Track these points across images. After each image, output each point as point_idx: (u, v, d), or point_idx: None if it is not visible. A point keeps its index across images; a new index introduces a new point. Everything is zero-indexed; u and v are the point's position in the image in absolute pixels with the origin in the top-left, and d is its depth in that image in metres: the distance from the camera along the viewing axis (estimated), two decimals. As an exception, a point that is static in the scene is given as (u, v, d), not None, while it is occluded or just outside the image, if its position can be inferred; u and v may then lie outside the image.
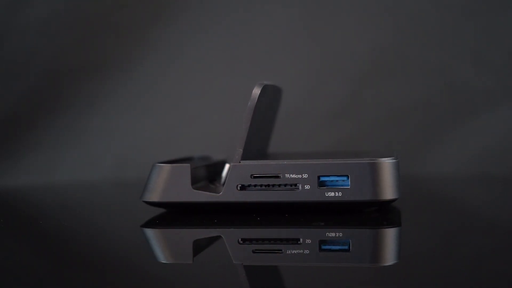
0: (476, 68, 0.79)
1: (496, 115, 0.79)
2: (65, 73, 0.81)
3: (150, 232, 0.47)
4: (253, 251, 0.40)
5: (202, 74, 0.83)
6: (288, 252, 0.39)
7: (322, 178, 0.46)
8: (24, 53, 0.80)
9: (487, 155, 0.79)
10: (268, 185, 0.46)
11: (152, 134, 0.83)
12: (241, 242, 0.43)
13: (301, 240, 0.42)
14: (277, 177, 0.46)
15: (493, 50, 0.79)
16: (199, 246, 0.42)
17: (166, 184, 0.47)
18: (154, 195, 0.48)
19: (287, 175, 0.46)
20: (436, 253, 0.39)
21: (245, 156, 0.47)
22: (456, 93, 0.80)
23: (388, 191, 0.45)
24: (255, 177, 0.46)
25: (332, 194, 0.45)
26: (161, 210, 0.51)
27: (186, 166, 0.47)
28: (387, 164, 0.46)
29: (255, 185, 0.46)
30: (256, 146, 0.52)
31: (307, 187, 0.46)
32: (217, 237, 0.44)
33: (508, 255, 0.38)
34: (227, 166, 0.53)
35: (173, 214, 0.50)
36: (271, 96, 0.53)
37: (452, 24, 0.80)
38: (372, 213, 0.48)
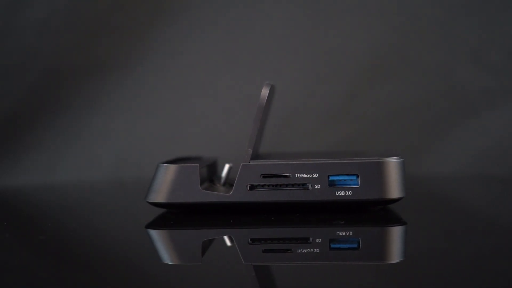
0: (476, 68, 0.80)
1: (496, 115, 0.79)
2: (65, 73, 0.81)
3: (155, 233, 0.46)
4: (263, 251, 0.41)
5: (201, 74, 0.83)
6: (298, 251, 0.39)
7: (331, 178, 0.46)
8: (24, 53, 0.80)
9: (487, 155, 0.79)
10: (279, 185, 0.46)
11: (152, 134, 0.83)
12: (251, 242, 0.43)
13: (311, 239, 0.42)
14: (287, 176, 0.46)
15: (493, 50, 0.80)
16: (207, 247, 0.42)
17: (174, 184, 0.47)
18: (160, 196, 0.47)
19: (297, 175, 0.46)
20: (442, 251, 0.40)
21: (252, 156, 0.47)
22: (456, 93, 0.80)
23: (396, 190, 0.46)
24: (265, 177, 0.46)
25: (343, 193, 0.46)
26: (163, 211, 0.50)
27: (195, 166, 0.47)
28: (395, 163, 0.46)
29: (265, 185, 0.47)
30: (258, 146, 0.52)
31: (317, 186, 0.46)
32: (227, 238, 0.44)
33: (508, 255, 0.39)
34: (226, 166, 0.53)
35: (177, 215, 0.50)
36: (271, 96, 0.53)
37: (452, 24, 0.80)
38: (377, 212, 0.49)
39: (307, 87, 0.82)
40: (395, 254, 0.40)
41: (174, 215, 0.50)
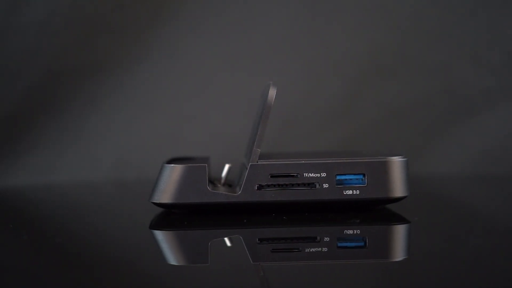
0: (475, 68, 0.80)
1: (495, 115, 0.79)
2: (65, 73, 0.81)
3: (160, 234, 0.46)
4: (272, 251, 0.41)
5: (201, 74, 0.83)
6: (306, 250, 0.39)
7: (339, 177, 0.46)
8: (24, 53, 0.80)
9: (487, 155, 0.79)
10: (287, 185, 0.47)
11: (153, 134, 0.82)
12: (259, 242, 0.43)
13: (318, 238, 0.42)
14: (295, 176, 0.46)
15: (492, 50, 0.80)
16: (215, 247, 0.42)
17: (181, 185, 0.47)
18: (166, 196, 0.47)
19: (305, 174, 0.46)
20: (445, 249, 0.40)
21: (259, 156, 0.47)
22: (456, 93, 0.80)
23: (401, 189, 0.47)
24: (273, 177, 0.46)
25: (350, 192, 0.46)
26: (165, 211, 0.50)
27: (203, 166, 0.47)
28: (400, 162, 0.47)
29: (274, 185, 0.47)
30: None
31: (325, 185, 0.46)
32: (235, 238, 0.44)
33: (509, 254, 0.39)
34: (226, 166, 0.53)
35: (178, 215, 0.49)
36: None
37: (452, 24, 0.81)
38: (381, 211, 0.49)
39: (307, 87, 0.82)
40: (401, 252, 0.40)
41: (175, 215, 0.49)
